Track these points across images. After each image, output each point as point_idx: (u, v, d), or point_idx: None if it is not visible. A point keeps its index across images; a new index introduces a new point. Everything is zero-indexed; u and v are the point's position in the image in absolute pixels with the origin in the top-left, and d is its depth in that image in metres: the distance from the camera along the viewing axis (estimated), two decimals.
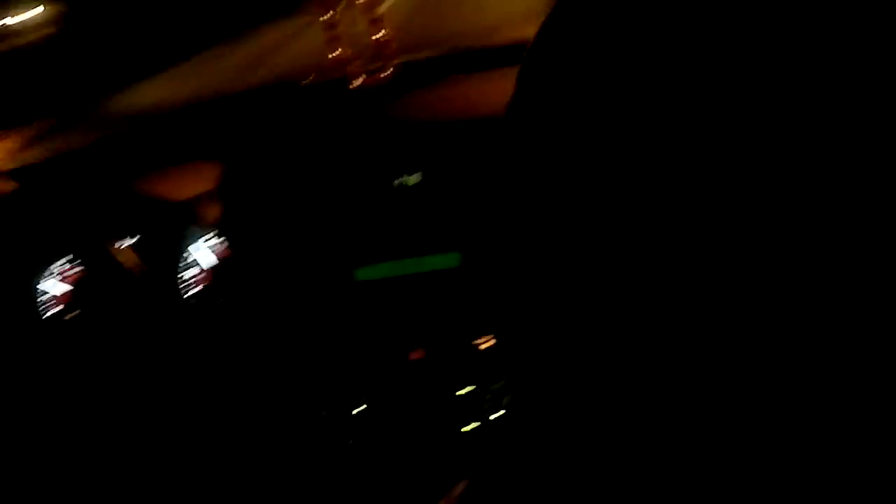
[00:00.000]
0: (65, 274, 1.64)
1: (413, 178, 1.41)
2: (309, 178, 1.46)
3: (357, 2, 1.65)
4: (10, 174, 1.65)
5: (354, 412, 1.38)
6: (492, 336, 1.39)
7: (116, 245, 1.57)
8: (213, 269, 1.54)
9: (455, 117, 1.45)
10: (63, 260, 1.63)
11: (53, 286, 1.64)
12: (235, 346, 1.50)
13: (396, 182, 1.42)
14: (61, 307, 1.63)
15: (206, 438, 1.50)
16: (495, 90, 1.50)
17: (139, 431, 1.52)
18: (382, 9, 1.71)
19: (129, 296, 1.54)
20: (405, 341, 1.41)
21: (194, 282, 1.55)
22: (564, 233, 0.48)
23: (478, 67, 1.58)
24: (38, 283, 1.63)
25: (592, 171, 0.43)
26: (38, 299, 1.63)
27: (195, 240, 1.55)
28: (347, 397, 1.40)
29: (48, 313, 1.63)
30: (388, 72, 1.56)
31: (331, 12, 1.59)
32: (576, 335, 0.57)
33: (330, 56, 1.58)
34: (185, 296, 1.54)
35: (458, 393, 1.37)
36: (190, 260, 1.55)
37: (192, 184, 1.53)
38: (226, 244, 1.53)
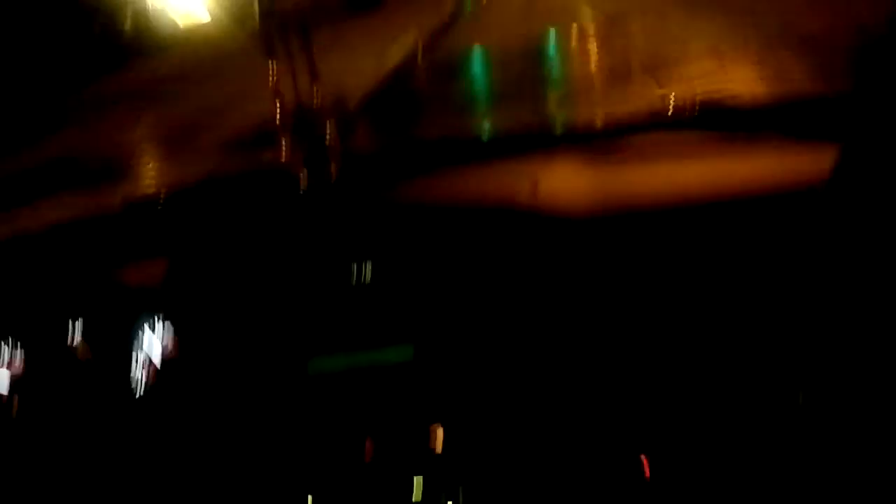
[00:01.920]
0: (8, 360, 1.60)
1: (368, 272, 1.43)
2: (263, 271, 1.47)
3: (311, 101, 1.69)
4: None
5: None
6: (444, 429, 1.39)
7: (66, 333, 1.54)
8: (163, 358, 1.52)
9: (410, 211, 1.49)
10: (7, 346, 1.60)
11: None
12: (186, 437, 1.47)
13: (351, 275, 1.43)
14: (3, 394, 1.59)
15: None
16: (453, 184, 1.56)
17: None
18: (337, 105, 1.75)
19: (76, 384, 1.51)
20: (357, 434, 1.40)
21: (144, 371, 1.53)
22: None
23: (434, 163, 1.63)
24: None
25: None
26: None
27: (146, 330, 1.54)
28: (299, 490, 1.38)
29: None
30: (338, 169, 1.59)
31: (282, 109, 1.63)
32: None
33: (283, 150, 1.61)
34: (135, 385, 1.51)
35: (411, 488, 1.36)
36: (141, 349, 1.53)
37: (144, 275, 1.52)
38: (177, 335, 1.51)
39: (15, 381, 1.58)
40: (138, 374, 1.53)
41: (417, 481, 1.37)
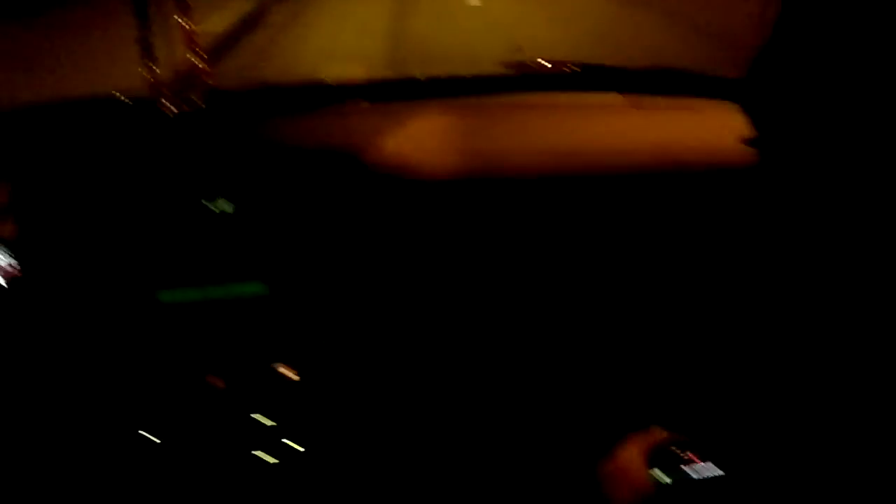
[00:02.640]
0: None
1: (223, 205, 1.40)
2: (112, 198, 1.41)
3: (177, 25, 1.62)
4: None
5: (148, 435, 1.34)
6: (293, 367, 1.40)
7: None
8: (5, 285, 1.44)
9: (272, 151, 1.46)
10: None
11: None
12: (28, 367, 1.41)
13: (207, 207, 1.40)
14: None
15: None
16: (313, 127, 1.54)
17: None
18: (201, 36, 1.70)
19: None
20: (206, 366, 1.39)
21: None
22: None
23: (297, 105, 1.60)
24: None
25: None
26: None
27: None
28: (143, 420, 1.36)
29: None
30: (201, 100, 1.55)
31: (145, 32, 1.56)
32: None
33: (142, 76, 1.54)
34: None
35: (257, 422, 1.36)
36: None
37: None
38: (17, 260, 1.43)
39: None
40: None
41: (264, 419, 1.37)
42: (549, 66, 1.73)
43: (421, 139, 1.48)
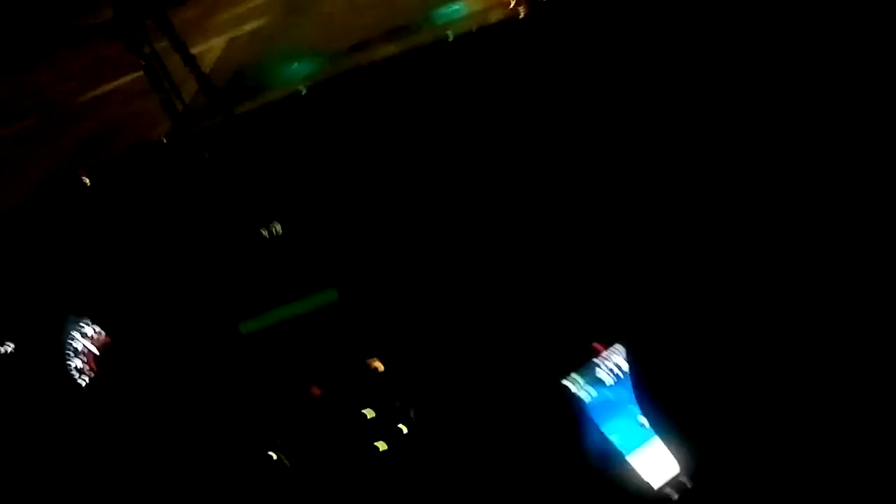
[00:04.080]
0: None
1: (277, 226, 1.41)
2: (174, 246, 1.43)
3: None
4: None
5: (274, 456, 1.38)
6: (380, 359, 1.42)
7: None
8: (96, 354, 1.48)
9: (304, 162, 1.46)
10: None
11: None
12: (140, 426, 1.44)
13: (262, 232, 1.41)
14: None
15: None
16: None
17: None
18: (208, 62, 1.69)
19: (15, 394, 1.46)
20: (303, 381, 1.41)
21: (81, 371, 1.49)
22: None
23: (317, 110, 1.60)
24: None
25: None
26: None
27: (73, 329, 1.49)
28: (262, 444, 1.40)
29: None
30: (227, 123, 1.54)
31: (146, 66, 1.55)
32: None
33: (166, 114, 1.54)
34: (76, 386, 1.47)
35: (364, 416, 1.38)
36: (72, 349, 1.48)
37: (62, 275, 1.47)
38: (105, 328, 1.47)
39: None
40: (75, 376, 1.48)
41: (368, 412, 1.39)
42: None
43: None
